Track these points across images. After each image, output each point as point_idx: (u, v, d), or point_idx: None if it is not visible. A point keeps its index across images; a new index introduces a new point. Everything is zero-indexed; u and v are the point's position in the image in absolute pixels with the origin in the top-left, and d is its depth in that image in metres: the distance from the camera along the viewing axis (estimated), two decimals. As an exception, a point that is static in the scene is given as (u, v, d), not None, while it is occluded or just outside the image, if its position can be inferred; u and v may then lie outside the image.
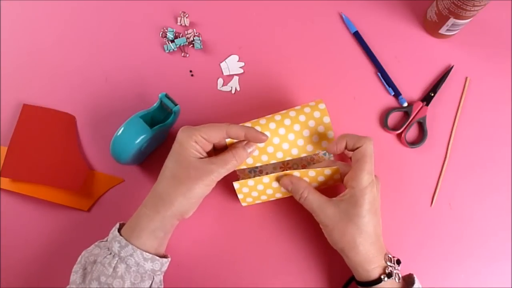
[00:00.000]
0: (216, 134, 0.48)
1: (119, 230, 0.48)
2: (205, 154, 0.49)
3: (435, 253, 0.57)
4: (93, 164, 0.58)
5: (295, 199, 0.51)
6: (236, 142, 0.51)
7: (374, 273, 0.47)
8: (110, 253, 0.46)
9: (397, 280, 0.47)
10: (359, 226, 0.47)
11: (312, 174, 0.51)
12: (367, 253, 0.47)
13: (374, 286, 0.47)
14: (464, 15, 0.57)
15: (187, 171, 0.47)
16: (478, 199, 0.58)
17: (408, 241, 0.57)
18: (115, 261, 0.45)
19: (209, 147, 0.49)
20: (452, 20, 0.58)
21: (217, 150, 0.51)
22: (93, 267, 0.46)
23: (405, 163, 0.59)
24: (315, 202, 0.49)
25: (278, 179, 0.51)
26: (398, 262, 0.49)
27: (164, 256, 0.49)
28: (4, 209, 0.56)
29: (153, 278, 0.47)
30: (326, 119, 0.51)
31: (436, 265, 0.56)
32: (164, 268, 0.49)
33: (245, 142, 0.50)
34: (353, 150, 0.49)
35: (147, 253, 0.46)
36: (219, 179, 0.48)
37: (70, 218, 0.56)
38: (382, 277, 0.47)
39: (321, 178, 0.51)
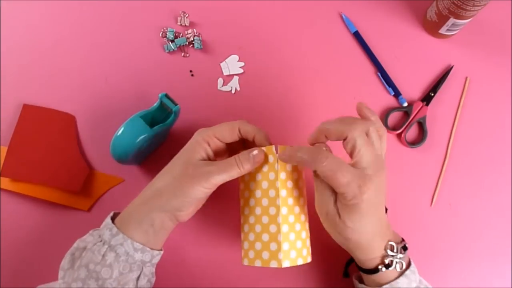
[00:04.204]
0: (229, 133, 0.47)
1: (113, 219, 0.47)
2: (213, 158, 0.48)
3: (435, 253, 0.57)
4: (93, 164, 0.58)
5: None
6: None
7: (390, 241, 0.46)
8: (101, 241, 0.45)
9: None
10: (377, 183, 0.43)
11: (284, 194, 0.46)
12: (383, 218, 0.45)
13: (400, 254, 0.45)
14: (464, 15, 0.57)
15: (184, 169, 0.45)
16: (478, 199, 0.59)
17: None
18: (105, 249, 0.44)
19: (222, 149, 0.48)
20: (452, 20, 0.58)
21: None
22: (83, 253, 0.45)
23: (405, 163, 0.59)
24: (338, 160, 0.42)
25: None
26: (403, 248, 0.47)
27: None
28: (4, 209, 0.56)
29: (142, 269, 0.46)
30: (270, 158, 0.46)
31: (436, 265, 0.56)
32: (155, 261, 0.48)
33: (252, 149, 0.46)
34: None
35: (137, 243, 0.45)
36: (217, 183, 0.45)
37: (70, 218, 0.56)
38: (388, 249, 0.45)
39: (290, 184, 0.47)
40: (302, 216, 0.47)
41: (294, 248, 0.45)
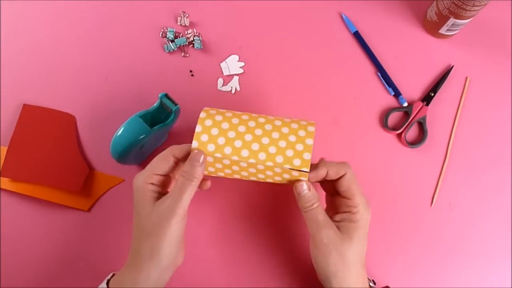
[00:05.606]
0: (165, 163, 0.45)
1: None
2: (165, 191, 0.47)
3: (435, 253, 0.57)
4: (93, 164, 0.58)
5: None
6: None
7: None
8: None
9: None
10: (358, 249, 0.46)
11: (278, 171, 0.46)
12: (358, 277, 0.46)
13: None
14: (464, 15, 0.57)
15: (149, 219, 0.43)
16: (478, 199, 0.59)
17: (408, 241, 0.57)
18: None
19: (168, 178, 0.48)
20: (452, 20, 0.58)
21: None
22: None
23: (405, 163, 0.59)
24: (321, 215, 0.46)
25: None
26: (374, 282, 0.50)
27: None
28: (4, 209, 0.56)
29: None
30: (309, 141, 0.46)
31: (436, 265, 0.56)
32: None
33: (189, 158, 0.44)
34: (335, 179, 0.47)
35: None
36: (185, 208, 0.43)
37: (70, 218, 0.56)
38: None
39: (278, 178, 0.47)
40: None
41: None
